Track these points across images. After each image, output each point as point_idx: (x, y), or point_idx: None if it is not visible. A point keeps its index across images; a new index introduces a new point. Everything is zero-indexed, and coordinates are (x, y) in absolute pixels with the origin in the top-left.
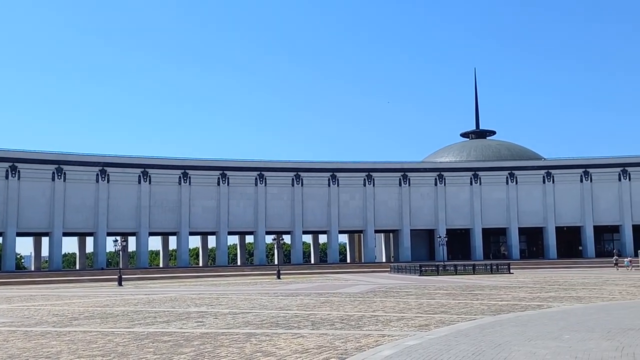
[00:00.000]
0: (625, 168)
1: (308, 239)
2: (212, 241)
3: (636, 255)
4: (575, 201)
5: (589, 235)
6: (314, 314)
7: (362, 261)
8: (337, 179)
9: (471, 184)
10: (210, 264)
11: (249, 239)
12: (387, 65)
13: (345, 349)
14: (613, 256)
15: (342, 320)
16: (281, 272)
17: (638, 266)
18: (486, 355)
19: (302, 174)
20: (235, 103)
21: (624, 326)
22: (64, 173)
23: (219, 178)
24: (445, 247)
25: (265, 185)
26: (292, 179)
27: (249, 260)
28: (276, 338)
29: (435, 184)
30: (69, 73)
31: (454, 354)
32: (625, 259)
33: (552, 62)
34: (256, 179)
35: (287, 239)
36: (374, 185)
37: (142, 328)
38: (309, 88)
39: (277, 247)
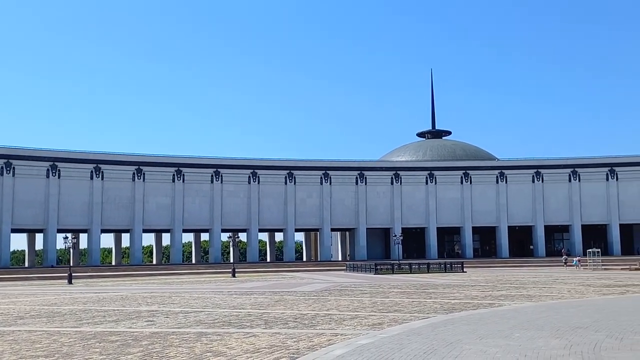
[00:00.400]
0: (575, 169)
1: (264, 237)
2: (166, 239)
3: (585, 254)
4: (527, 201)
5: (540, 235)
6: (267, 313)
7: (319, 259)
8: (294, 177)
9: (427, 183)
10: (165, 262)
11: (205, 236)
12: (345, 63)
13: (297, 349)
14: (562, 255)
15: (296, 319)
16: (237, 270)
17: (586, 265)
18: (438, 354)
19: (258, 171)
20: (191, 97)
21: (572, 324)
22: (13, 168)
23: (174, 175)
24: (400, 246)
25: (221, 182)
26: (249, 177)
27: (204, 258)
28: (228, 337)
29: (392, 183)
30: (20, 65)
31: (405, 353)
32: (574, 258)
33: (507, 63)
34: (212, 176)
35: (243, 237)
36: (330, 183)
37: (90, 327)
38: (268, 83)
39: (233, 245)
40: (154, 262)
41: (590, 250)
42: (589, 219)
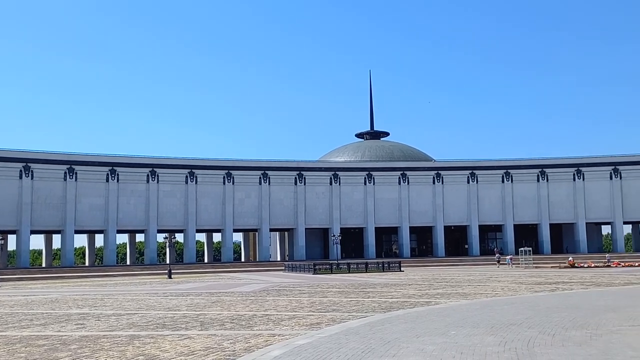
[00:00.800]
0: (508, 170)
1: (202, 237)
2: (100, 240)
3: (517, 253)
4: (463, 201)
5: (474, 234)
6: (203, 314)
7: (257, 260)
8: (233, 177)
9: (365, 183)
10: (98, 264)
11: (140, 237)
12: (285, 64)
13: (234, 350)
14: (495, 254)
15: (233, 320)
16: (173, 271)
17: (518, 264)
18: (375, 353)
19: (196, 171)
20: (125, 94)
21: (506, 321)
22: None
23: (107, 174)
24: (339, 246)
25: (157, 182)
26: (186, 176)
27: (140, 259)
28: (161, 340)
29: (330, 183)
30: None
31: (343, 353)
32: (507, 257)
33: (444, 65)
34: (148, 175)
35: (180, 237)
36: (269, 183)
37: (16, 332)
38: (207, 81)
39: (169, 246)
40: (87, 263)
41: (522, 249)
42: (521, 219)
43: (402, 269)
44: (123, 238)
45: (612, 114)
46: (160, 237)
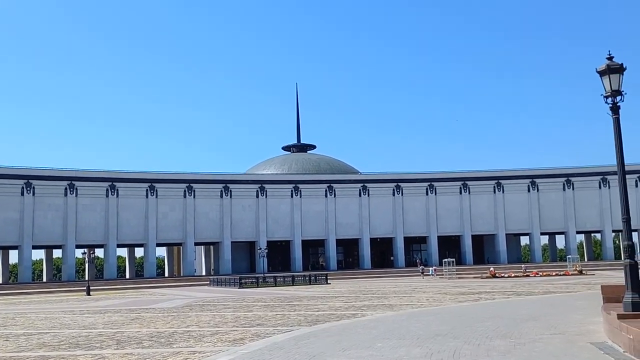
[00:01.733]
0: (432, 183)
1: (124, 252)
2: (14, 256)
3: (441, 264)
4: (388, 214)
5: (400, 246)
6: (120, 332)
7: (182, 275)
8: (156, 190)
9: (292, 196)
10: (12, 281)
11: (57, 253)
12: (212, 78)
13: None
14: (418, 266)
15: (152, 337)
16: (92, 288)
17: (442, 274)
18: None
19: (117, 184)
20: (42, 103)
21: (432, 332)
22: None
23: (23, 187)
24: (265, 259)
25: (76, 195)
26: (107, 190)
27: (57, 276)
28: None
29: (257, 196)
30: None
31: None
32: (430, 268)
33: (368, 79)
34: (66, 189)
35: (100, 252)
36: (194, 196)
37: None
38: (129, 95)
39: (88, 262)
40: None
41: (445, 260)
42: (444, 231)
43: (328, 281)
44: (40, 254)
45: (526, 130)
46: (79, 253)
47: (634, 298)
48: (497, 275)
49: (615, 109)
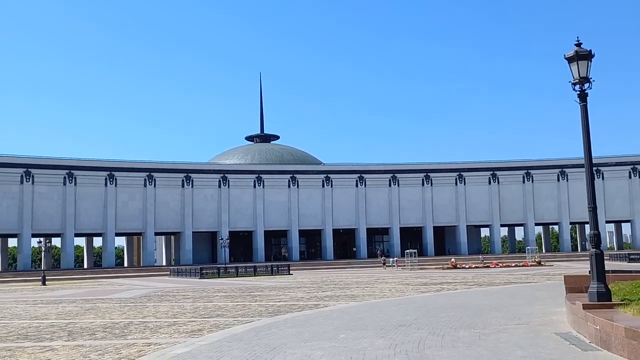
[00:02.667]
0: (395, 175)
1: (82, 242)
2: None
3: (403, 255)
4: (351, 205)
5: (362, 237)
6: (73, 323)
7: (141, 265)
8: (115, 179)
9: (255, 186)
10: None
11: (13, 242)
12: (176, 66)
13: None
14: (379, 257)
15: (106, 328)
16: (48, 278)
17: (404, 265)
18: None
19: (75, 172)
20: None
21: (395, 323)
22: None
23: None
24: (227, 250)
25: (32, 183)
26: (65, 177)
27: (12, 265)
28: (19, 353)
29: (219, 186)
30: None
31: None
32: (391, 259)
33: (333, 69)
34: (22, 176)
35: (57, 242)
36: (155, 186)
37: None
38: (93, 82)
39: (44, 251)
40: None
41: (407, 251)
42: (406, 222)
43: (291, 272)
44: None
45: (490, 121)
46: (35, 242)
47: (599, 288)
48: (458, 266)
49: (583, 97)
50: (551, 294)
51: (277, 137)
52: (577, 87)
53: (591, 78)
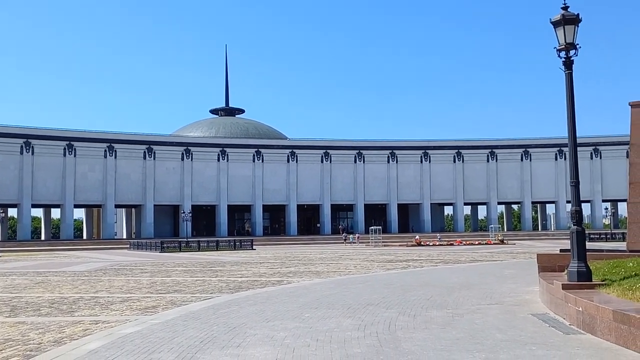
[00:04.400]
0: (360, 151)
1: (39, 213)
2: None
3: (367, 232)
4: (316, 180)
5: (326, 213)
6: (19, 297)
7: (101, 238)
8: (75, 149)
9: (219, 160)
10: None
11: None
12: (139, 36)
13: (40, 342)
14: (341, 233)
15: (53, 304)
16: (3, 249)
17: (368, 242)
18: (216, 343)
19: (33, 141)
20: None
21: (363, 301)
22: None
23: None
24: (190, 224)
25: None
26: (21, 147)
27: None
28: None
29: (182, 159)
30: None
31: (177, 343)
32: (351, 235)
33: (299, 43)
34: None
35: (13, 212)
36: (115, 157)
37: None
38: (51, 50)
39: (0, 222)
40: None
41: (372, 227)
42: (371, 199)
43: (254, 247)
44: None
45: (457, 99)
46: None
47: (580, 267)
48: (422, 243)
49: (568, 64)
50: (520, 272)
51: (242, 111)
52: (563, 53)
53: (577, 44)
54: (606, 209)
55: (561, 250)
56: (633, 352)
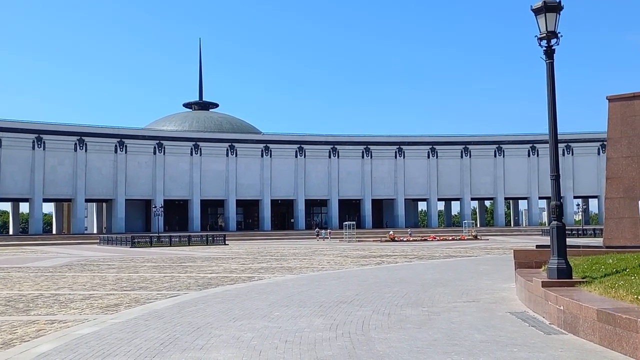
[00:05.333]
0: (335, 146)
1: (7, 207)
2: None
3: (341, 227)
4: (290, 175)
5: (300, 209)
6: None
7: (71, 232)
8: (44, 142)
9: (191, 154)
10: None
11: None
12: (113, 24)
13: None
14: (314, 228)
15: (9, 302)
16: None
17: (342, 237)
18: (177, 345)
19: (0, 134)
20: None
21: (336, 299)
22: None
23: None
24: (161, 218)
25: None
26: None
27: None
28: None
29: (155, 153)
30: None
31: (135, 346)
32: (323, 231)
33: (275, 37)
34: None
35: None
36: (86, 150)
37: None
38: (22, 35)
39: None
40: None
41: (346, 223)
42: (345, 194)
43: (227, 242)
44: None
45: (428, 96)
46: None
47: (560, 264)
48: (396, 239)
49: (549, 53)
50: (495, 268)
51: (216, 105)
52: (544, 42)
53: (559, 33)
54: (578, 205)
55: (537, 246)
56: (619, 354)
